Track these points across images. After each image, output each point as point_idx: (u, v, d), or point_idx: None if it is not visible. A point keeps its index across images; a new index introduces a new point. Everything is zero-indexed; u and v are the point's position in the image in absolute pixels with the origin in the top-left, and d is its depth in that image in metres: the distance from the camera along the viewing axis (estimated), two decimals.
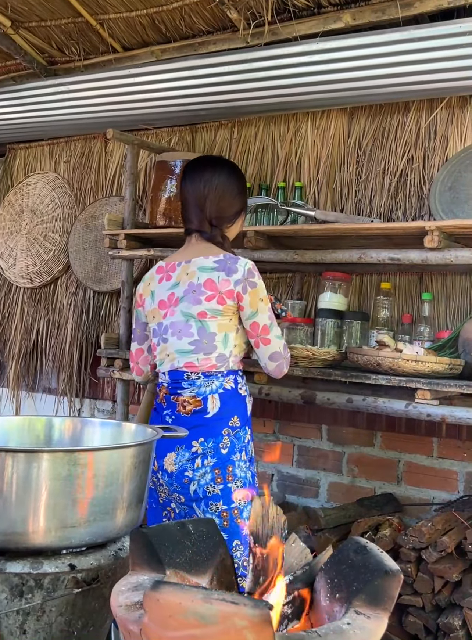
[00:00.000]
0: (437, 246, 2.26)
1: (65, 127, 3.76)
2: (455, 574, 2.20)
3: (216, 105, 3.15)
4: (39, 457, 1.26)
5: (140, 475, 1.42)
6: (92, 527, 1.32)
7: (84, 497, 1.29)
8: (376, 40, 2.58)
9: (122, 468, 1.36)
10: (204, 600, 0.91)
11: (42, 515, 1.27)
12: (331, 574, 1.13)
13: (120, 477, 1.35)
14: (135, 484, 1.41)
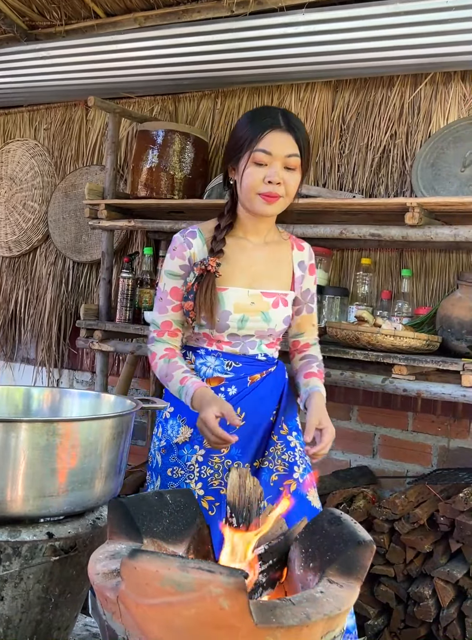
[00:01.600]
0: (417, 223, 2.27)
1: (46, 93, 3.70)
2: (426, 545, 2.26)
3: (200, 75, 3.12)
4: (17, 427, 1.26)
5: (119, 446, 1.43)
6: (71, 497, 1.33)
7: (62, 467, 1.30)
8: (362, 12, 2.56)
9: (101, 439, 1.36)
10: (181, 568, 0.93)
11: (21, 484, 1.27)
12: (305, 544, 1.15)
13: (99, 448, 1.36)
14: (114, 455, 1.41)
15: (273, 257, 1.90)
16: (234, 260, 1.85)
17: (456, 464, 2.69)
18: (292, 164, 1.75)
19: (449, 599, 2.18)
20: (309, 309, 1.97)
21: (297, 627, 0.95)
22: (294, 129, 1.76)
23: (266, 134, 1.73)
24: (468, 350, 2.30)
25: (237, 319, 1.81)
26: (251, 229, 1.88)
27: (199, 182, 3.04)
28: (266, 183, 1.74)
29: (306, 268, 1.94)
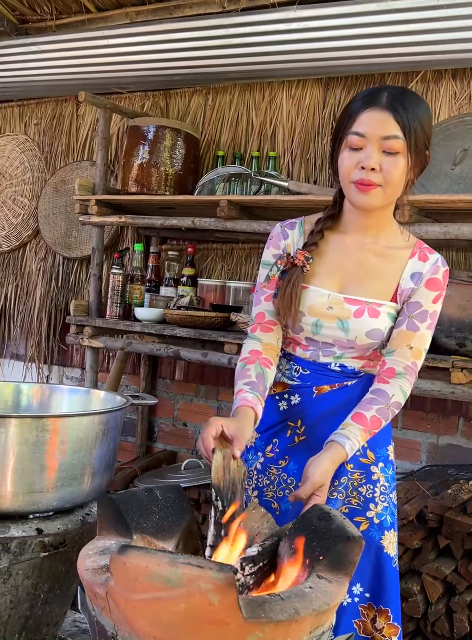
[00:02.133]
0: (408, 220, 2.28)
1: (36, 88, 3.68)
2: (415, 541, 2.27)
3: (191, 71, 3.11)
4: (7, 422, 1.26)
5: (109, 442, 1.43)
6: (60, 493, 1.33)
7: (51, 463, 1.30)
8: (353, 10, 2.56)
9: (90, 435, 1.36)
10: (170, 564, 0.93)
11: (10, 480, 1.27)
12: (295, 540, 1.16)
13: (89, 444, 1.36)
14: (104, 451, 1.41)
15: (377, 261, 1.61)
16: (327, 257, 1.63)
17: (445, 461, 2.71)
18: (391, 147, 1.48)
19: (438, 594, 2.19)
20: (413, 325, 1.57)
21: (286, 622, 0.95)
22: (395, 107, 1.48)
23: (361, 114, 1.49)
24: (457, 348, 2.31)
25: (311, 322, 1.59)
26: (356, 225, 1.62)
27: (190, 178, 3.03)
28: (359, 169, 1.49)
29: (421, 281, 1.59)
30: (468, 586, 2.18)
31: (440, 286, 1.60)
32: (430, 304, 1.58)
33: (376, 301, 1.58)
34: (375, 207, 1.56)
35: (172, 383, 3.42)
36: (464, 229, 2.24)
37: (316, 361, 1.63)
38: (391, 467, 1.64)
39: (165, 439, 3.48)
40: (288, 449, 1.62)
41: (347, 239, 1.63)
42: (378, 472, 1.61)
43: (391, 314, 1.59)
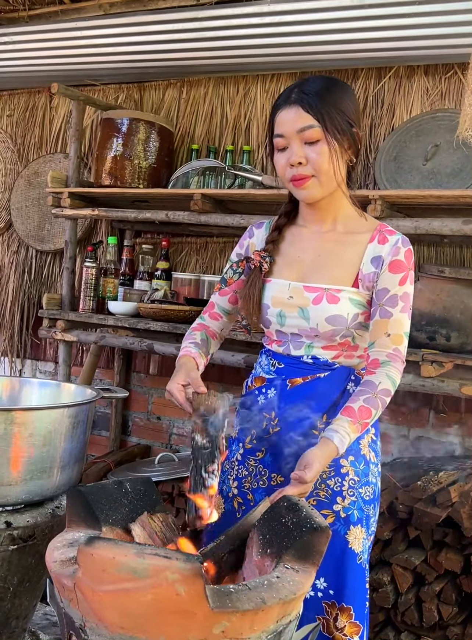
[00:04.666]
0: (379, 215, 2.30)
1: (8, 79, 3.64)
2: (386, 532, 2.29)
3: (165, 64, 3.10)
4: None
5: (79, 435, 1.42)
6: (29, 486, 1.33)
7: (20, 456, 1.29)
8: (327, 4, 2.57)
9: (60, 428, 1.36)
10: (137, 554, 0.93)
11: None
12: (263, 531, 1.17)
13: (58, 437, 1.36)
14: (74, 444, 1.41)
15: (334, 248, 1.63)
16: (286, 250, 1.68)
17: (415, 453, 2.74)
18: (310, 137, 1.52)
19: (407, 585, 2.22)
20: (385, 312, 1.56)
21: (253, 612, 0.96)
22: (302, 99, 1.52)
23: (277, 117, 1.56)
24: (427, 341, 2.34)
25: (275, 314, 1.64)
26: (311, 217, 1.67)
27: (164, 172, 3.03)
28: (289, 167, 1.55)
29: (383, 264, 1.58)
30: (437, 576, 2.22)
31: (404, 267, 1.59)
32: (397, 287, 1.57)
33: (334, 287, 1.58)
34: (317, 198, 1.59)
35: (146, 377, 3.41)
36: (435, 224, 2.26)
37: (289, 354, 1.65)
38: (362, 461, 1.62)
39: (140, 433, 3.47)
40: (264, 440, 1.64)
41: (305, 231, 1.68)
42: (348, 466, 1.60)
43: (353, 300, 1.59)
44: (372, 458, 1.65)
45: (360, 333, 1.62)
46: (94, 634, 0.99)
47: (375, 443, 1.67)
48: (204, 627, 0.95)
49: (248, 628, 0.97)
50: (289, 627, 1.06)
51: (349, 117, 1.56)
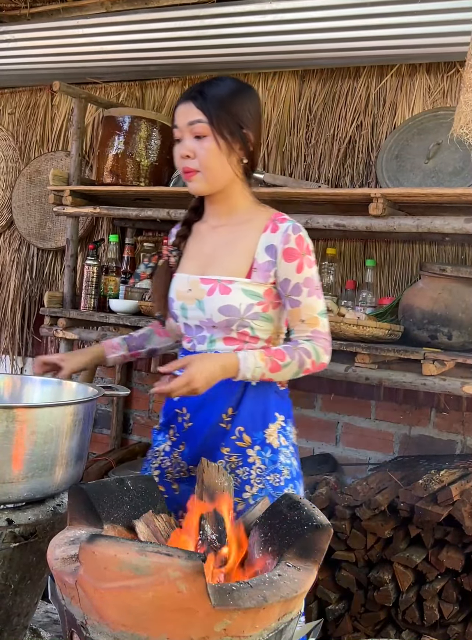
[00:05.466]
0: (381, 214, 2.29)
1: (10, 77, 3.64)
2: (387, 531, 2.29)
3: (167, 62, 3.09)
4: None
5: (80, 433, 1.42)
6: (31, 483, 1.33)
7: (21, 454, 1.29)
8: (329, 2, 2.57)
9: (61, 425, 1.36)
10: (139, 552, 0.93)
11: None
12: (265, 529, 1.17)
13: (60, 435, 1.36)
14: (75, 442, 1.41)
15: (226, 240, 1.69)
16: (190, 246, 1.77)
17: (417, 452, 2.74)
18: (198, 132, 1.60)
19: (408, 583, 2.22)
20: (293, 302, 1.62)
21: (254, 609, 0.96)
22: (195, 96, 1.62)
23: (176, 110, 1.66)
24: (429, 340, 2.34)
25: (179, 306, 1.71)
26: (210, 211, 1.75)
27: (165, 170, 3.02)
28: (180, 158, 1.65)
29: (277, 253, 1.62)
30: (438, 575, 2.22)
31: (297, 254, 1.62)
32: (296, 276, 1.61)
33: (227, 278, 1.63)
34: (204, 192, 1.67)
35: (147, 375, 3.41)
36: (437, 222, 2.26)
37: (195, 351, 1.69)
38: (268, 449, 1.66)
39: (141, 431, 3.47)
40: (182, 434, 1.70)
41: (205, 226, 1.76)
42: (254, 455, 1.65)
43: (245, 290, 1.62)
44: (282, 442, 1.69)
45: (258, 324, 1.64)
46: (96, 632, 0.99)
47: (284, 429, 1.71)
48: (206, 625, 0.95)
49: (250, 626, 0.97)
50: (290, 625, 1.06)
51: (240, 118, 1.63)
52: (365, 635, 2.29)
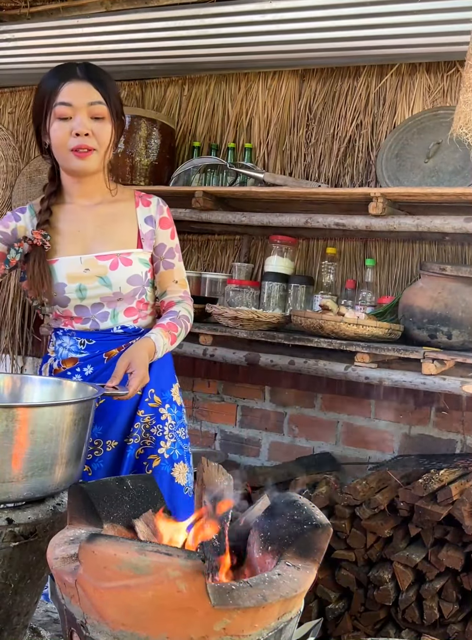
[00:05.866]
0: (381, 213, 2.30)
1: (10, 76, 3.63)
2: (386, 530, 2.30)
3: (166, 61, 3.09)
4: None
5: (80, 432, 1.42)
6: (30, 483, 1.32)
7: (21, 453, 1.29)
8: (329, 2, 2.56)
9: (61, 425, 1.36)
10: (139, 551, 0.93)
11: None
12: (264, 528, 1.16)
13: (59, 434, 1.36)
14: (75, 441, 1.41)
15: (108, 217, 1.78)
16: (63, 230, 1.76)
17: (417, 451, 2.74)
18: (98, 113, 1.67)
19: (408, 582, 2.23)
20: (167, 264, 1.82)
21: (254, 609, 0.96)
22: (92, 78, 1.69)
23: (63, 86, 1.66)
24: (429, 339, 2.34)
25: (74, 289, 1.72)
26: (77, 193, 1.78)
27: (165, 169, 3.02)
28: (73, 136, 1.66)
29: (155, 222, 1.81)
30: (438, 574, 2.22)
31: (169, 223, 1.84)
32: (171, 241, 1.83)
33: (124, 251, 1.75)
34: (93, 171, 1.73)
35: None
36: (436, 222, 2.26)
37: (98, 329, 1.77)
38: (175, 407, 1.84)
39: None
40: None
41: (75, 207, 1.79)
42: (166, 413, 1.81)
43: (141, 259, 1.78)
44: (182, 403, 1.88)
45: (149, 290, 1.82)
46: (95, 631, 0.99)
47: (180, 390, 1.91)
48: (205, 624, 0.94)
49: (249, 625, 0.97)
50: (290, 624, 1.06)
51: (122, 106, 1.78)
52: (365, 634, 2.29)
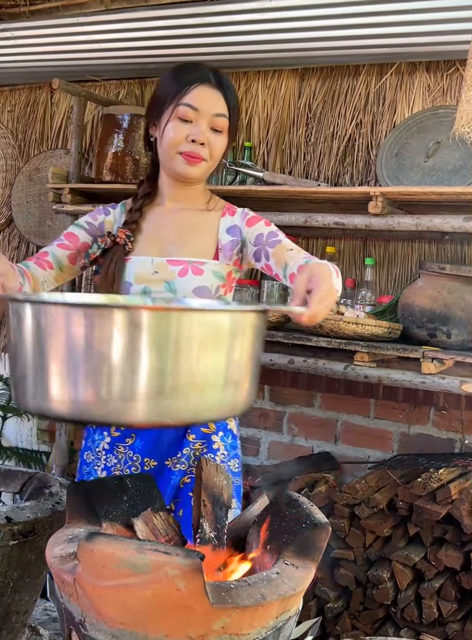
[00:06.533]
0: (380, 212, 2.30)
1: (10, 75, 3.63)
2: (386, 529, 2.30)
3: (166, 59, 3.08)
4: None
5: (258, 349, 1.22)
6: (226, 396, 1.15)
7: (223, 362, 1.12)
8: (328, 0, 2.56)
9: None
10: (137, 550, 0.93)
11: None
12: (263, 527, 1.17)
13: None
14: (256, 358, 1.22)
15: (190, 223, 1.70)
16: (146, 229, 1.71)
17: (416, 450, 2.74)
18: (219, 125, 1.61)
19: (407, 581, 2.23)
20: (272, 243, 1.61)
21: (252, 608, 0.96)
22: (224, 87, 1.61)
23: (193, 88, 1.58)
24: (428, 338, 2.34)
25: (139, 290, 1.63)
26: (172, 195, 1.72)
27: None
28: (189, 141, 1.59)
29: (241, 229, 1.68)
30: (437, 573, 2.22)
31: (258, 218, 1.69)
32: (267, 227, 1.66)
33: (198, 260, 1.64)
34: (198, 179, 1.68)
35: None
36: (436, 221, 2.26)
37: None
38: (230, 435, 1.71)
39: None
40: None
41: (163, 209, 1.73)
42: (218, 441, 1.68)
43: (215, 272, 1.65)
44: (238, 432, 1.74)
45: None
46: (94, 630, 0.99)
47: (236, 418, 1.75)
48: (204, 623, 0.95)
49: (248, 624, 0.97)
50: (288, 623, 1.06)
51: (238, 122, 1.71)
52: (364, 633, 2.29)
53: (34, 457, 3.64)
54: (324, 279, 1.28)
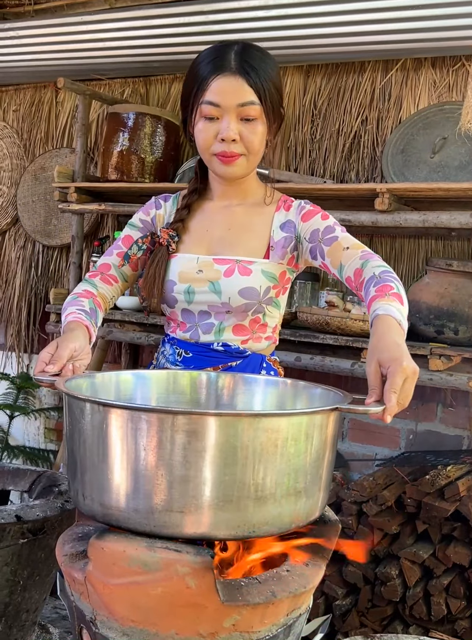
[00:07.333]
0: (387, 209, 2.29)
1: (15, 74, 3.64)
2: (394, 527, 2.29)
3: (171, 58, 3.09)
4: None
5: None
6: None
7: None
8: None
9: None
10: (148, 548, 0.94)
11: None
12: None
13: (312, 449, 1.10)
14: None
15: (241, 219, 1.59)
16: (193, 226, 1.62)
17: (424, 447, 2.74)
18: (249, 114, 1.44)
19: (416, 578, 2.22)
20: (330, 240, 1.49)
21: (263, 605, 0.96)
22: (247, 70, 1.43)
23: (213, 81, 1.43)
24: (435, 335, 2.33)
25: (183, 290, 1.55)
26: (221, 192, 1.61)
27: (170, 166, 3.02)
28: (219, 141, 1.46)
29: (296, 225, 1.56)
30: (445, 570, 2.22)
31: (315, 211, 1.57)
32: (323, 222, 1.53)
33: (246, 259, 1.54)
34: (241, 176, 1.54)
35: None
36: (443, 217, 2.25)
37: (198, 342, 1.57)
38: None
39: None
40: None
41: (213, 205, 1.62)
42: None
43: (265, 272, 1.54)
44: None
45: (270, 310, 1.57)
46: (105, 627, 0.99)
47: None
48: (215, 621, 0.95)
49: (258, 621, 0.97)
50: (299, 620, 1.06)
51: (280, 93, 1.52)
52: (372, 630, 2.29)
53: (41, 455, 3.65)
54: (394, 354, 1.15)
